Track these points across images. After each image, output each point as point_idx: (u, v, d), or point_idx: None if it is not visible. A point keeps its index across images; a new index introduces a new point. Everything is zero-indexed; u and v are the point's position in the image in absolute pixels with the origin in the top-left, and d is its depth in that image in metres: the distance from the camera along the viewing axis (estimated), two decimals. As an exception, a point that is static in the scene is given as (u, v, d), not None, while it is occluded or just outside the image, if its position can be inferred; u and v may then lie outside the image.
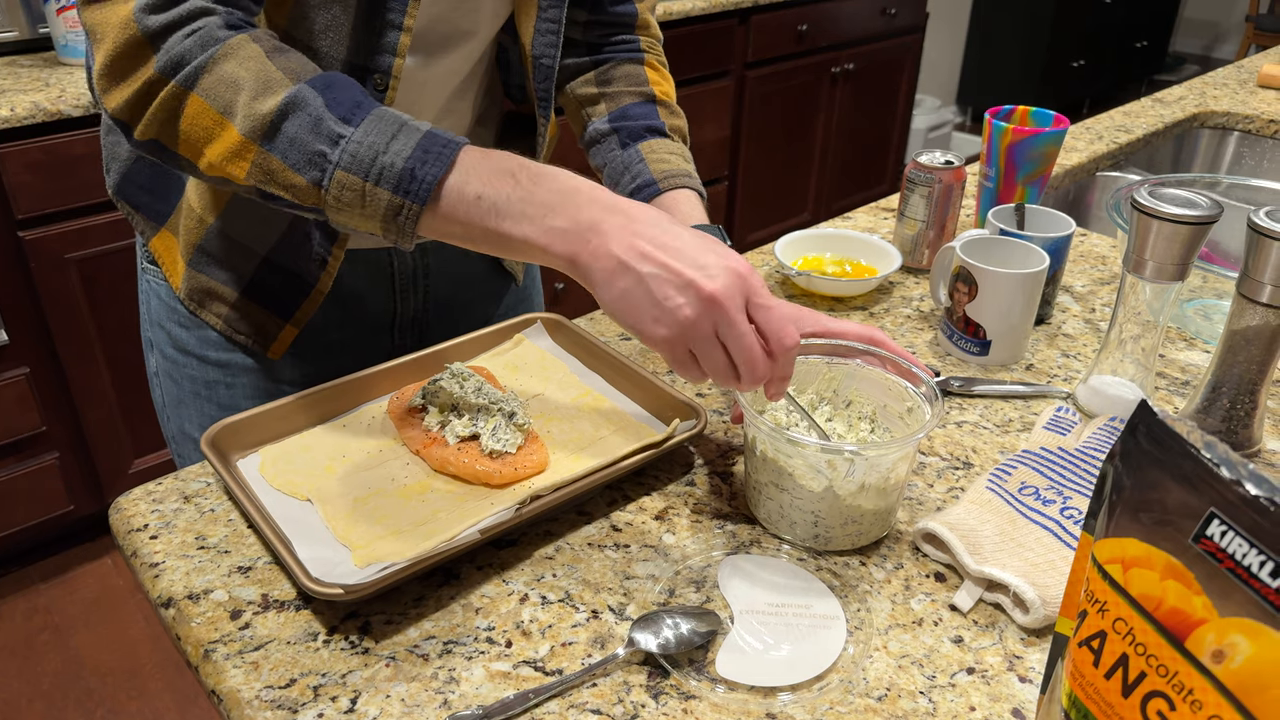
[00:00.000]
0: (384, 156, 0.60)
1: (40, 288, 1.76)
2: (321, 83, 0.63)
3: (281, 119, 0.61)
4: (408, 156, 0.60)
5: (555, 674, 0.59)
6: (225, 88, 0.62)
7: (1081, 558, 0.46)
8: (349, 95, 0.63)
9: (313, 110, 0.61)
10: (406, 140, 0.61)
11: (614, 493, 0.75)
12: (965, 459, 0.80)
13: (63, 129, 1.69)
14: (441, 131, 0.62)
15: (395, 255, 0.92)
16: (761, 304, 0.59)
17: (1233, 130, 1.72)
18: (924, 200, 1.08)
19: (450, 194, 0.61)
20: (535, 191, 0.60)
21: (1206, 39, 6.07)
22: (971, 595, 0.65)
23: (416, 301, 0.96)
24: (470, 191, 0.60)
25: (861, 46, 3.22)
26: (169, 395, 0.94)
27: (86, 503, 2.00)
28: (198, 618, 0.62)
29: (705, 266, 0.57)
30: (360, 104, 0.62)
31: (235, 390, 0.91)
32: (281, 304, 0.88)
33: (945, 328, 0.96)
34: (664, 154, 0.89)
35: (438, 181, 0.60)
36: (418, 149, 0.60)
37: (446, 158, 0.60)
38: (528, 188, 0.60)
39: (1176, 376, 0.93)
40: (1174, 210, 0.74)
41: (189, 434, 0.93)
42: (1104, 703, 0.43)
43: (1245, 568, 0.37)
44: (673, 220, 0.60)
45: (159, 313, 0.92)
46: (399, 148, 0.60)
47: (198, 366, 0.91)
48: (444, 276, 0.97)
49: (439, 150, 0.60)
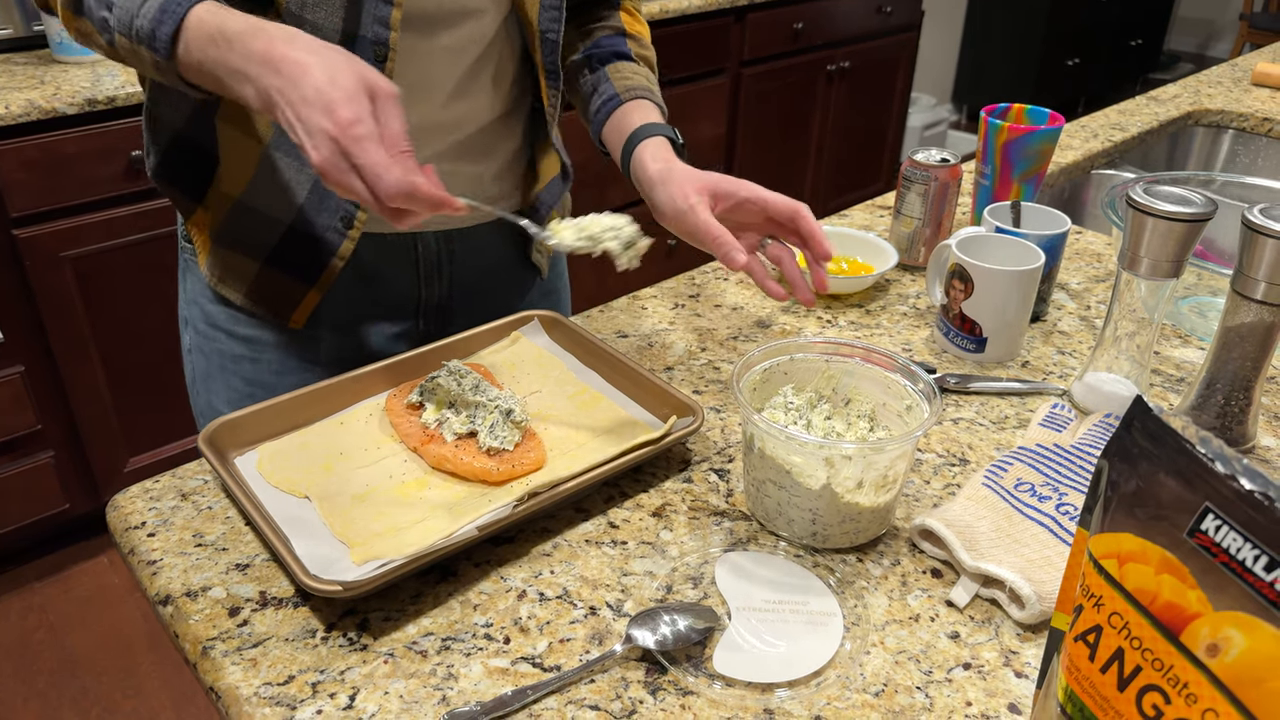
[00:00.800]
0: (137, 20, 0.69)
1: (35, 286, 1.75)
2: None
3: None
4: (150, 18, 0.69)
5: (553, 670, 0.59)
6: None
7: (1077, 553, 0.47)
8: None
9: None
10: (154, 2, 0.69)
11: (611, 490, 0.75)
12: (961, 456, 0.80)
13: (57, 127, 1.68)
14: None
15: (419, 240, 0.94)
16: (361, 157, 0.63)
17: (1227, 128, 1.73)
18: (920, 198, 1.08)
19: (183, 51, 0.69)
20: (230, 58, 0.67)
21: (1201, 37, 6.08)
22: (968, 591, 0.65)
23: (441, 287, 0.97)
24: (194, 57, 0.69)
25: (857, 44, 3.22)
26: (199, 370, 0.97)
27: (82, 501, 1.99)
28: (196, 615, 0.62)
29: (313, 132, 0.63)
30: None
31: (260, 365, 0.94)
32: (304, 270, 0.89)
33: (941, 325, 0.96)
34: (628, 74, 0.95)
35: (172, 38, 0.68)
36: (157, 11, 0.68)
37: (176, 16, 0.68)
38: (225, 55, 0.67)
39: (1171, 373, 0.94)
40: (1169, 207, 0.74)
41: (216, 408, 0.96)
42: (1100, 697, 0.43)
43: (1240, 562, 0.37)
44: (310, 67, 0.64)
45: (193, 290, 0.95)
46: (145, 10, 0.69)
47: (226, 341, 0.94)
48: (468, 264, 0.98)
49: (173, 10, 0.68)
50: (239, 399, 0.94)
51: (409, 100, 0.84)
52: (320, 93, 0.63)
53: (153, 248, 1.86)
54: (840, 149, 3.36)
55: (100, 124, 1.72)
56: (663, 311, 1.02)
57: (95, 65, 1.85)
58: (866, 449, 0.65)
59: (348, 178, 0.64)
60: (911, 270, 1.12)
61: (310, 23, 0.78)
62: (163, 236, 1.86)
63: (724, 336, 0.97)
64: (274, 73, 0.65)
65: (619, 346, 0.95)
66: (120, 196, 1.80)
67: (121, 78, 1.78)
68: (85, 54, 1.86)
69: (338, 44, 0.75)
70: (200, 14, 0.68)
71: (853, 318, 1.02)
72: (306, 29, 0.78)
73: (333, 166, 0.63)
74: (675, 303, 1.04)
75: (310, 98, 0.63)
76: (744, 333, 0.98)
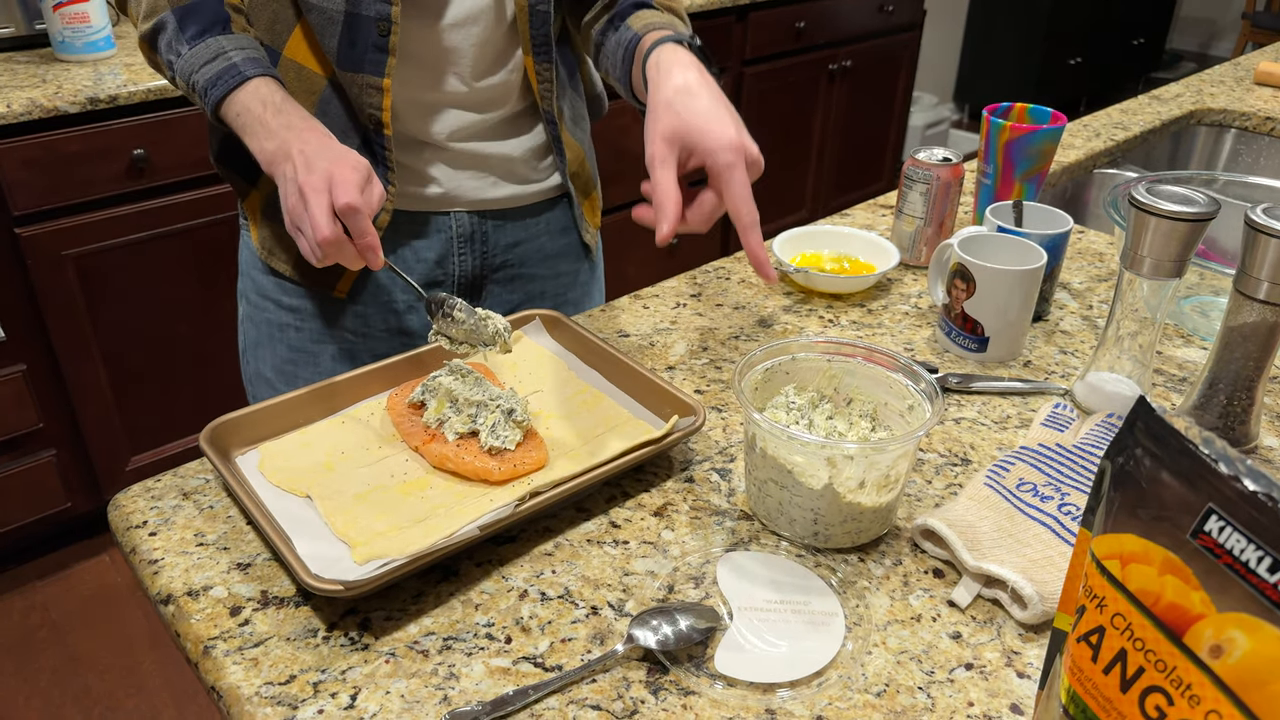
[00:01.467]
0: (195, 75, 0.82)
1: (37, 285, 1.75)
2: (180, 12, 0.83)
3: (156, 35, 0.85)
4: (207, 79, 0.81)
5: (555, 670, 0.59)
6: (133, 2, 0.87)
7: (1080, 553, 0.47)
8: (199, 25, 0.83)
9: (169, 32, 0.83)
10: (212, 68, 0.81)
11: (613, 489, 0.75)
12: (963, 455, 0.80)
13: (59, 125, 1.68)
14: (248, 67, 0.81)
15: (454, 218, 0.98)
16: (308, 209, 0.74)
17: (1229, 127, 1.73)
18: (922, 197, 1.08)
19: (225, 111, 0.82)
20: (269, 122, 0.79)
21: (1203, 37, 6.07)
22: (970, 591, 0.65)
23: (474, 264, 1.01)
24: (232, 111, 0.81)
25: (859, 43, 3.21)
26: (249, 339, 1.03)
27: (83, 500, 2.00)
28: (197, 614, 0.62)
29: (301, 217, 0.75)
30: (202, 33, 0.82)
31: (303, 333, 0.99)
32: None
33: (943, 324, 0.96)
34: (648, 17, 0.91)
35: (219, 102, 0.81)
36: (214, 76, 0.81)
37: (231, 85, 0.80)
38: (269, 118, 0.80)
39: (1174, 373, 0.93)
40: (1171, 207, 0.74)
41: (263, 374, 1.02)
42: (1102, 698, 0.43)
43: (1243, 563, 0.37)
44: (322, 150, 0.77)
45: (248, 263, 1.02)
46: (205, 71, 0.81)
47: (274, 311, 1.00)
48: (501, 243, 1.02)
49: (229, 80, 0.80)
50: (282, 364, 1.00)
51: (429, 79, 0.90)
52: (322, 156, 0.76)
53: (154, 246, 1.86)
54: (842, 148, 3.35)
55: (102, 123, 1.72)
56: (664, 311, 1.02)
57: (97, 64, 1.85)
58: (868, 449, 0.65)
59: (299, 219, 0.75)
60: (913, 270, 1.12)
61: (316, 6, 0.83)
62: (165, 235, 1.86)
63: (725, 336, 0.97)
64: (286, 159, 0.77)
65: (620, 346, 0.95)
66: (122, 195, 1.79)
67: (123, 77, 1.78)
68: (87, 53, 1.86)
69: (341, 22, 0.84)
70: (246, 98, 0.80)
71: (854, 317, 1.01)
72: (314, 13, 0.84)
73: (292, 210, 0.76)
74: (677, 302, 1.04)
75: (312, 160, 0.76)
76: (745, 332, 0.98)
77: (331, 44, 0.85)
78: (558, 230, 1.06)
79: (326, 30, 0.84)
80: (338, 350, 0.99)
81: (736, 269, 1.11)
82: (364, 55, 0.85)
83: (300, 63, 0.87)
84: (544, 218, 1.04)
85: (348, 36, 0.84)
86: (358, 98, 0.87)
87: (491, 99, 0.94)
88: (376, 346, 1.00)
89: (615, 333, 0.97)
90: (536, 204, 1.02)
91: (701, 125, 0.75)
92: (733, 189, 0.75)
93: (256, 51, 0.83)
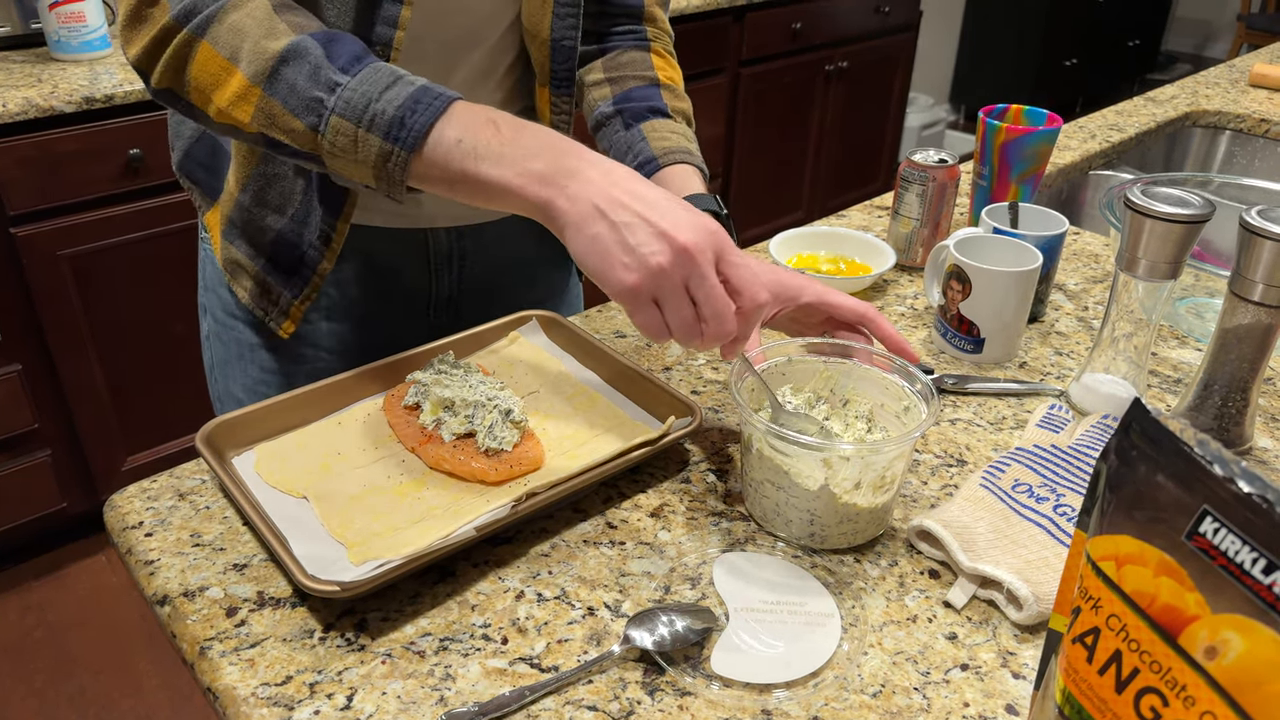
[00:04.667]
0: (376, 104, 0.63)
1: (32, 285, 1.75)
2: (323, 36, 0.66)
3: (282, 65, 0.64)
4: (399, 105, 0.62)
5: (551, 671, 0.59)
6: (232, 35, 0.66)
7: (1075, 554, 0.47)
8: (349, 49, 0.65)
9: (313, 59, 0.64)
10: (400, 90, 0.63)
11: (610, 490, 0.75)
12: (959, 456, 0.80)
13: (55, 125, 1.68)
14: (436, 86, 0.64)
15: (431, 235, 0.94)
16: (734, 261, 0.61)
17: (1224, 129, 1.73)
18: (918, 198, 1.08)
19: (434, 141, 0.62)
20: (518, 138, 0.62)
21: (1198, 38, 6.09)
22: (965, 592, 0.65)
23: (451, 282, 0.98)
24: (451, 135, 0.62)
25: (855, 44, 3.22)
26: (217, 357, 0.99)
27: (79, 500, 1.99)
28: (193, 615, 0.62)
29: (679, 220, 0.59)
30: (360, 57, 0.65)
31: (276, 355, 0.95)
32: (291, 281, 0.90)
33: (939, 325, 0.96)
34: (665, 132, 0.89)
35: (426, 130, 0.62)
36: (409, 99, 0.63)
37: (438, 108, 0.62)
38: (509, 135, 0.62)
39: (1169, 374, 0.94)
40: (1167, 209, 0.74)
41: (233, 394, 0.98)
42: (1097, 699, 0.43)
43: (1238, 565, 0.37)
44: (653, 184, 0.62)
45: (212, 279, 0.96)
46: (392, 96, 0.63)
47: (243, 330, 0.95)
48: (479, 259, 0.99)
49: (430, 101, 0.62)
50: (255, 385, 0.96)
51: None
52: (667, 202, 0.60)
53: (150, 246, 1.86)
54: (838, 149, 3.36)
55: (98, 122, 1.72)
56: (661, 312, 1.02)
57: (93, 63, 1.85)
58: (864, 450, 0.65)
59: (670, 295, 0.60)
60: (909, 271, 1.12)
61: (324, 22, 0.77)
62: (160, 235, 1.86)
63: (722, 337, 0.97)
64: (593, 165, 0.61)
65: (617, 346, 0.95)
66: (118, 195, 1.79)
67: (119, 76, 1.78)
68: (82, 52, 1.86)
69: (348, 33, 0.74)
70: (464, 104, 0.64)
71: (851, 318, 1.02)
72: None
73: (663, 276, 0.59)
74: (673, 303, 1.04)
75: (663, 208, 0.59)
76: (742, 333, 0.98)
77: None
78: (536, 238, 1.02)
79: None
80: (312, 370, 0.94)
81: (733, 270, 1.11)
82: None
83: None
84: (522, 226, 1.00)
85: None
86: None
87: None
88: (355, 364, 0.97)
89: (612, 333, 0.97)
90: (515, 216, 0.97)
91: (793, 285, 0.78)
92: (885, 326, 0.77)
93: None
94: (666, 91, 0.94)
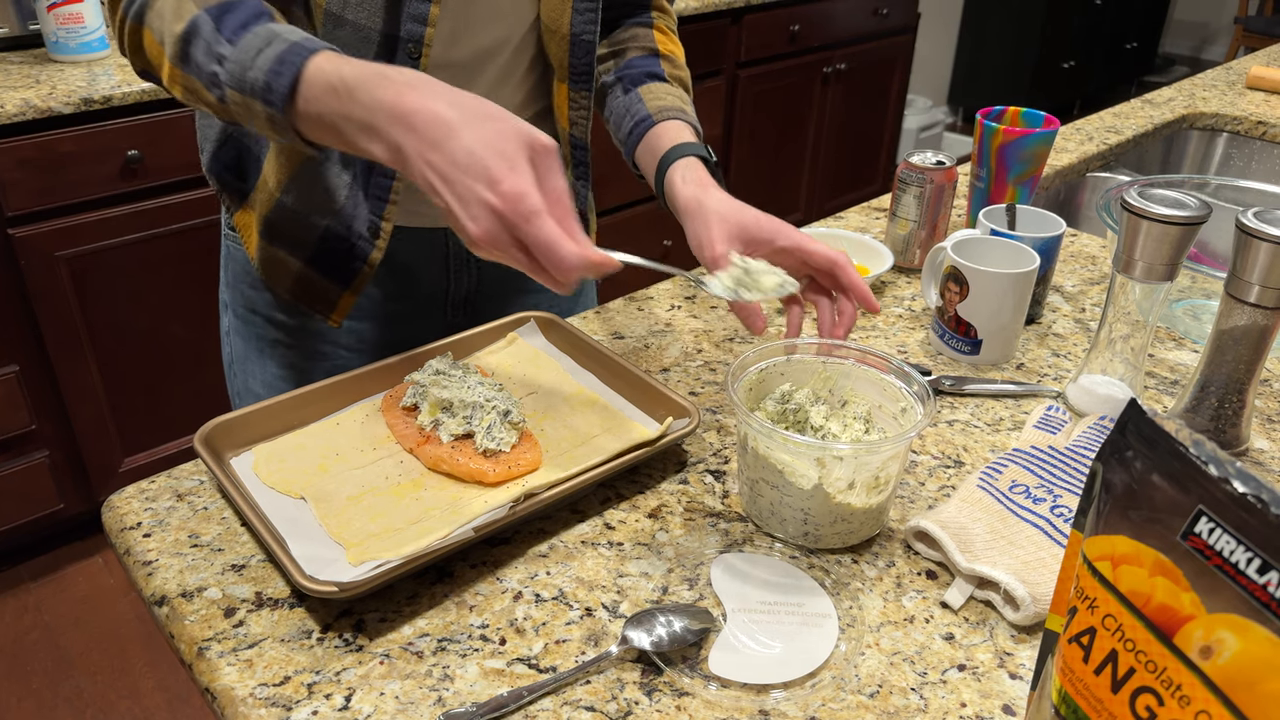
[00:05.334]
0: (250, 71, 0.66)
1: (30, 286, 1.75)
2: (217, 9, 0.68)
3: (187, 44, 0.69)
4: (266, 70, 0.65)
5: (549, 671, 0.59)
6: (157, 19, 0.71)
7: (1071, 555, 0.47)
8: (238, 17, 0.68)
9: (205, 34, 0.68)
10: (270, 53, 0.65)
11: (607, 491, 0.75)
12: (956, 457, 0.80)
13: (53, 126, 1.68)
14: (304, 41, 0.66)
15: (449, 234, 0.96)
16: (532, 233, 0.60)
17: (1221, 131, 1.73)
18: (916, 200, 1.09)
19: (302, 104, 0.65)
20: (352, 110, 0.63)
21: (1196, 40, 6.10)
22: (962, 593, 0.65)
23: (469, 280, 1.00)
24: (313, 109, 0.65)
25: (853, 46, 3.22)
26: (237, 352, 1.01)
27: (76, 501, 1.99)
28: (191, 616, 0.62)
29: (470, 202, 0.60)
30: (246, 24, 0.67)
31: (295, 351, 0.97)
32: (341, 274, 0.91)
33: (937, 327, 0.96)
34: (660, 94, 0.93)
35: (290, 90, 0.64)
36: (275, 61, 0.65)
37: (295, 66, 0.64)
38: (347, 106, 0.64)
39: (1166, 376, 0.94)
40: (1163, 211, 0.75)
41: (252, 389, 1.00)
42: (1094, 698, 0.44)
43: (1233, 564, 0.37)
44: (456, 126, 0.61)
45: (235, 275, 0.98)
46: (261, 61, 0.65)
47: (264, 326, 0.97)
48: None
49: (292, 59, 0.64)
50: (273, 381, 0.98)
51: None
52: (475, 157, 0.59)
53: (148, 247, 1.86)
54: (836, 150, 3.36)
55: (96, 123, 1.72)
56: (659, 313, 1.02)
57: (91, 65, 1.85)
58: (859, 449, 0.65)
59: (512, 251, 0.61)
60: (907, 272, 1.13)
61: (351, 23, 0.79)
62: (158, 236, 1.86)
63: (720, 338, 0.97)
64: (408, 129, 0.61)
65: (615, 348, 0.95)
66: (116, 196, 1.79)
67: (117, 77, 1.78)
68: (81, 53, 1.86)
69: (377, 42, 0.76)
70: (319, 63, 0.64)
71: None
72: (346, 30, 0.78)
73: (495, 240, 0.60)
74: (672, 304, 1.04)
75: (463, 162, 0.59)
76: (741, 334, 0.98)
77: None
78: None
79: (360, 49, 0.80)
80: (332, 367, 0.98)
81: (731, 271, 1.12)
82: None
83: None
84: None
85: (383, 57, 0.81)
86: None
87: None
88: (373, 361, 0.98)
89: (610, 334, 0.98)
90: None
91: (767, 227, 0.78)
92: (851, 275, 0.78)
93: (314, 37, 0.68)
94: (665, 61, 0.97)
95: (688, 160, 0.85)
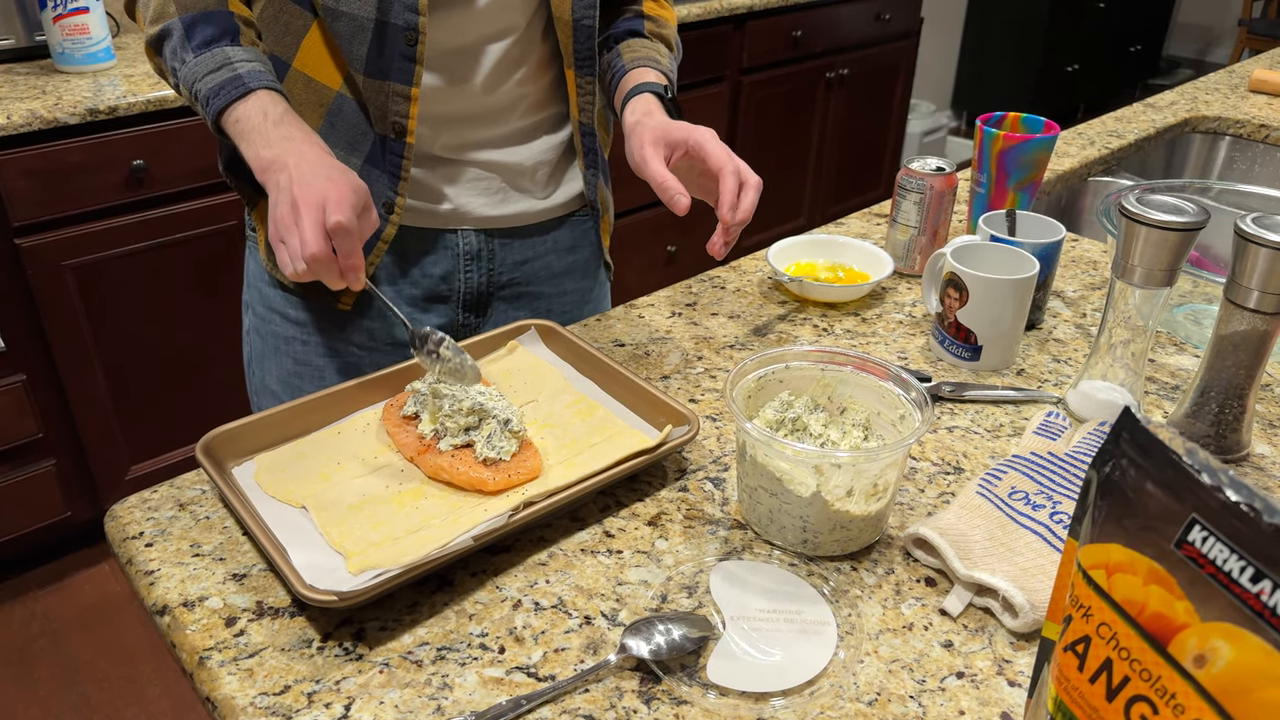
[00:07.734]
0: (198, 84, 0.81)
1: (37, 295, 1.76)
2: (189, 19, 0.83)
3: (161, 41, 0.84)
4: (209, 89, 0.80)
5: (548, 680, 0.59)
6: (144, 8, 0.86)
7: (1067, 563, 0.47)
8: (205, 35, 0.82)
9: (175, 40, 0.83)
10: (216, 77, 0.80)
11: (607, 499, 0.75)
12: (956, 464, 0.80)
13: (59, 136, 1.69)
14: (254, 78, 0.81)
15: (461, 235, 0.99)
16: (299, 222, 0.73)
17: (1224, 135, 1.73)
18: (916, 206, 1.09)
19: (227, 118, 0.81)
20: (246, 150, 0.79)
21: (1200, 43, 6.09)
22: (961, 600, 0.65)
23: (480, 282, 1.02)
24: (235, 116, 0.80)
25: (856, 52, 3.23)
26: (255, 350, 1.04)
27: (83, 509, 2.00)
28: (192, 625, 0.63)
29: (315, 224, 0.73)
30: (210, 42, 0.82)
31: (309, 347, 1.00)
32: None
33: (937, 333, 0.96)
34: (637, 47, 0.99)
35: (220, 111, 0.80)
36: (217, 85, 0.80)
37: (233, 95, 0.80)
38: (243, 146, 0.80)
39: (1166, 381, 0.94)
40: (1161, 216, 0.75)
41: (269, 386, 1.03)
42: (1089, 707, 0.44)
43: (1226, 573, 0.38)
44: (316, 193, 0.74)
45: (254, 275, 1.02)
46: (208, 80, 0.81)
47: (280, 323, 1.00)
48: (509, 262, 1.02)
49: (231, 89, 0.80)
50: (289, 378, 1.01)
51: (446, 91, 0.91)
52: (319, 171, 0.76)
53: (154, 256, 1.86)
54: (840, 156, 3.36)
55: (102, 133, 1.73)
56: (659, 320, 1.02)
57: (96, 75, 1.86)
58: (858, 457, 0.65)
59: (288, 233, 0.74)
60: (907, 278, 1.13)
61: (345, 14, 0.84)
62: (164, 245, 1.86)
63: (720, 345, 0.98)
64: (281, 169, 0.76)
65: (616, 355, 0.95)
66: (122, 205, 1.80)
67: (123, 88, 1.79)
68: (87, 64, 1.87)
69: (371, 30, 0.85)
70: (248, 105, 0.79)
71: (849, 326, 1.02)
72: (342, 21, 0.85)
73: (312, 271, 0.73)
74: (672, 311, 1.04)
75: (308, 174, 0.75)
76: (740, 341, 0.98)
77: (360, 51, 0.85)
78: (565, 248, 1.06)
79: (355, 38, 0.85)
80: (344, 364, 1.00)
81: (731, 278, 1.12)
82: (391, 64, 0.86)
83: (310, 74, 0.88)
84: (551, 236, 1.04)
85: (377, 45, 0.85)
86: (383, 105, 0.87)
87: (509, 112, 0.95)
88: (382, 360, 1.00)
89: (610, 342, 0.98)
90: (543, 222, 1.03)
91: (682, 131, 0.87)
92: (728, 184, 0.84)
93: (263, 65, 0.83)
94: (649, 21, 1.03)
95: (641, 95, 0.92)
